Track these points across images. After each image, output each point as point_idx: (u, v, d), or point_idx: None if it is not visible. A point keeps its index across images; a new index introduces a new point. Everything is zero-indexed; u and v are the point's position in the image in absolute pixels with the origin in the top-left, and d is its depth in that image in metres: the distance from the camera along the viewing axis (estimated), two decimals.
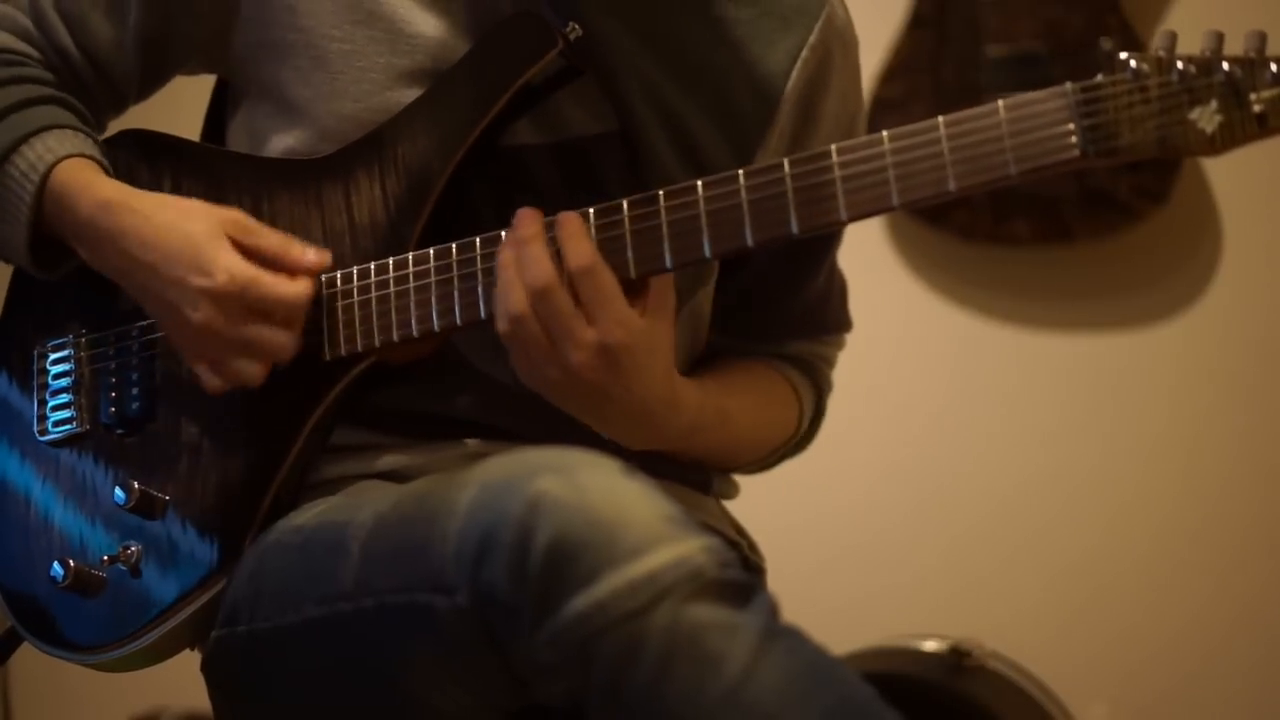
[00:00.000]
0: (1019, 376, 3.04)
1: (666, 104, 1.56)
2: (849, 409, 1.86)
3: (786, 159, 1.40)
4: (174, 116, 1.74)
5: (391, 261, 1.51)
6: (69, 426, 1.61)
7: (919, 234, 3.03)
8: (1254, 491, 2.93)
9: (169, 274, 1.49)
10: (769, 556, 1.71)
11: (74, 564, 1.54)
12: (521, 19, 1.52)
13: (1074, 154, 1.32)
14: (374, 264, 1.52)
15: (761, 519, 1.75)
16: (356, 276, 1.52)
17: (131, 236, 1.51)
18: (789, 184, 1.39)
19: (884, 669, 2.36)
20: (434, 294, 1.49)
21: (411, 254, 1.50)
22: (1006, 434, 3.03)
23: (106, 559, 1.54)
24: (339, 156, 1.56)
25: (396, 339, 1.50)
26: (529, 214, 1.44)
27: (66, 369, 1.62)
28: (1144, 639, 2.95)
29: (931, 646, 2.45)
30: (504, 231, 1.46)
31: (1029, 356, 3.03)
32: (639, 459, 1.40)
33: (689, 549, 1.23)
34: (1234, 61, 1.30)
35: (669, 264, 1.42)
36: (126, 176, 1.61)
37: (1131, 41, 2.80)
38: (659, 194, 1.43)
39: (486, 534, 1.26)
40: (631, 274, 1.42)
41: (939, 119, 1.35)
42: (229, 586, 1.50)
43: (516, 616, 1.24)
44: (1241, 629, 2.93)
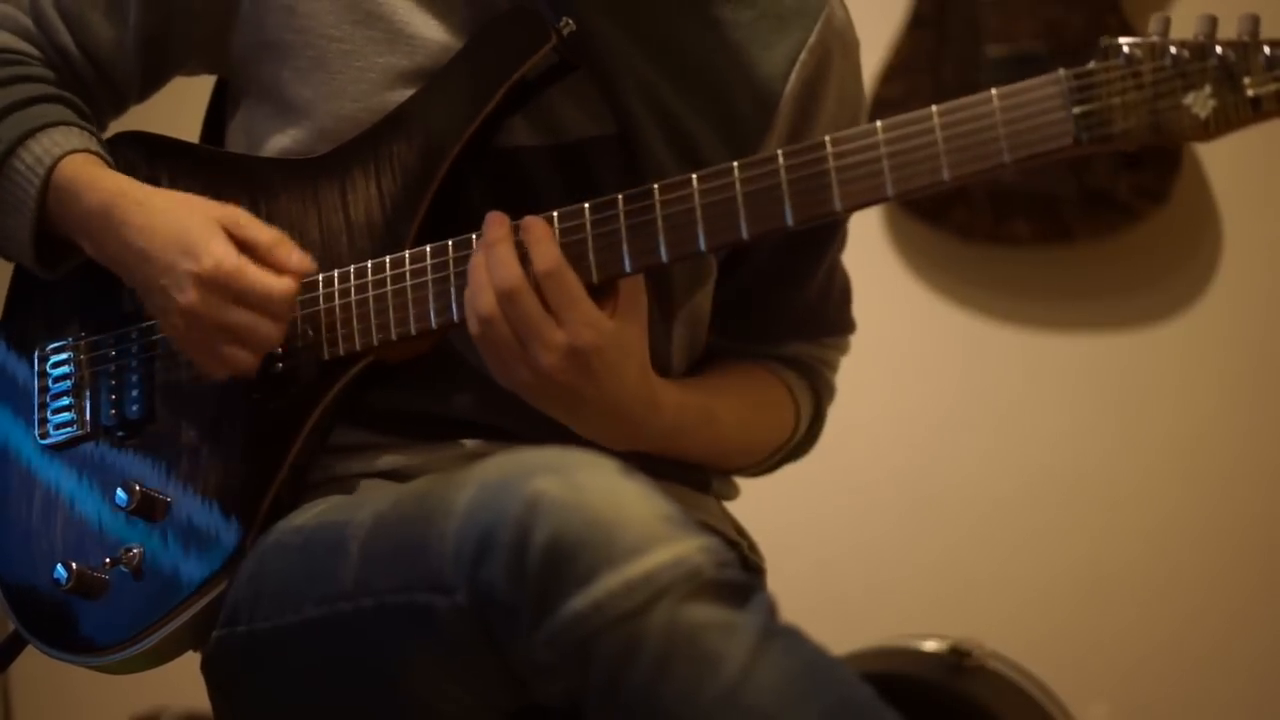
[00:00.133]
0: (1019, 377, 3.04)
1: (664, 105, 1.56)
2: (849, 409, 1.85)
3: (780, 150, 1.40)
4: (174, 117, 1.74)
5: (388, 260, 1.51)
6: (70, 429, 1.61)
7: (919, 234, 3.03)
8: (1254, 491, 2.93)
9: (161, 259, 1.50)
10: (769, 556, 1.71)
11: (76, 566, 1.54)
12: (515, 14, 1.52)
13: (1068, 141, 1.32)
14: (371, 263, 1.52)
15: (762, 519, 1.75)
16: (354, 275, 1.52)
17: (131, 225, 1.52)
18: (783, 175, 1.39)
19: (884, 669, 2.36)
20: (431, 292, 1.49)
21: (408, 252, 1.50)
22: (1006, 434, 3.03)
23: (108, 561, 1.54)
24: (335, 155, 1.56)
25: (394, 338, 1.51)
26: (496, 217, 1.45)
27: (67, 371, 1.62)
28: (1144, 639, 2.95)
29: (931, 646, 2.44)
30: None
31: (1029, 357, 3.03)
32: (638, 459, 1.40)
33: (687, 549, 1.23)
34: (1227, 45, 1.29)
35: (664, 258, 1.42)
36: (126, 175, 1.61)
37: None
38: (654, 188, 1.43)
39: (485, 534, 1.26)
40: (594, 279, 1.43)
41: (933, 108, 1.35)
42: (229, 587, 1.50)
43: (515, 616, 1.24)
44: (1242, 629, 2.92)
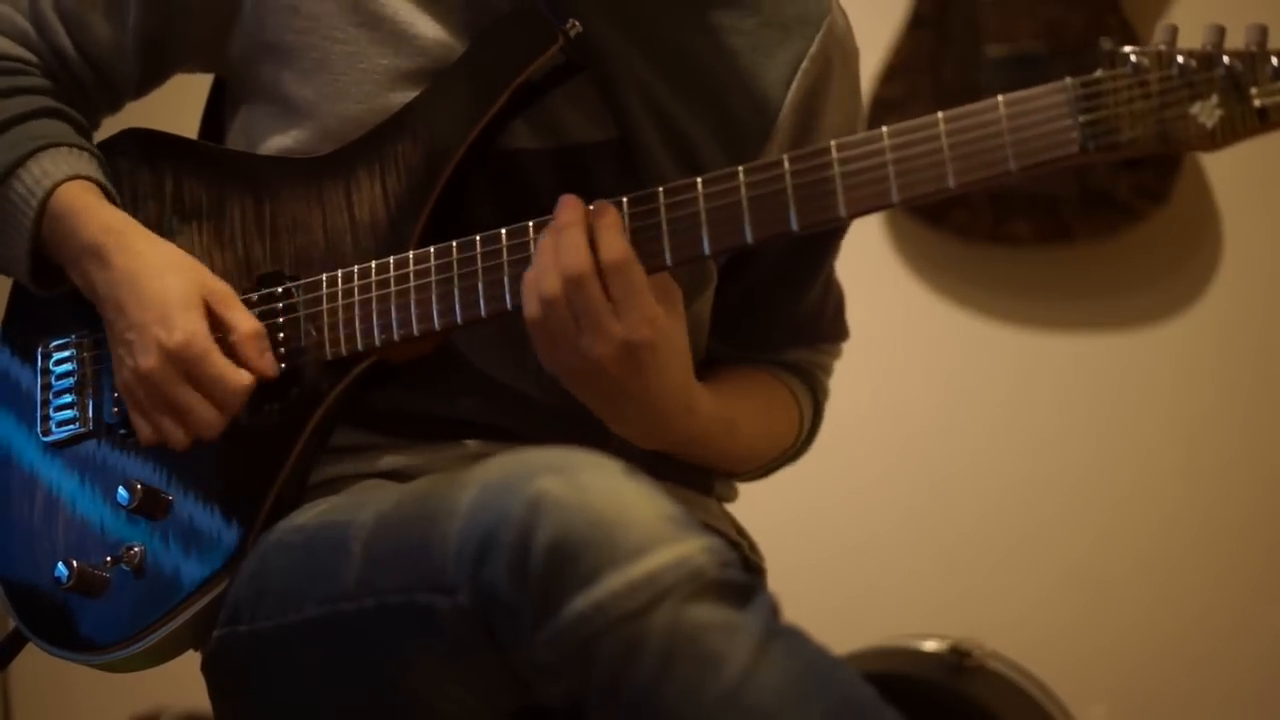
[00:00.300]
0: (1019, 377, 3.04)
1: (665, 111, 1.56)
2: (849, 409, 1.86)
3: (786, 155, 1.40)
4: (174, 117, 1.74)
5: (392, 260, 1.51)
6: (72, 426, 1.61)
7: (919, 234, 3.03)
8: (1254, 491, 2.93)
9: (135, 317, 1.51)
10: (769, 556, 1.71)
11: (77, 564, 1.54)
12: (521, 16, 1.52)
13: (1074, 149, 1.32)
14: (375, 263, 1.52)
15: (762, 519, 1.75)
16: (357, 275, 1.52)
17: (117, 271, 1.53)
18: (789, 180, 1.39)
19: (884, 669, 2.36)
20: (434, 293, 1.49)
21: (412, 253, 1.50)
22: (1006, 434, 3.03)
23: (110, 559, 1.54)
24: (340, 155, 1.56)
25: (397, 338, 1.51)
26: (571, 200, 1.43)
27: (69, 369, 1.62)
28: (1144, 639, 2.95)
29: (931, 646, 2.44)
30: (504, 230, 1.47)
31: (1029, 356, 3.03)
32: (641, 460, 1.40)
33: (689, 549, 1.23)
34: (1235, 55, 1.29)
35: (668, 261, 1.43)
36: (129, 178, 1.61)
37: (1131, 41, 2.79)
38: (658, 191, 1.43)
39: (487, 534, 1.26)
40: (668, 261, 1.42)
41: (938, 115, 1.35)
42: (231, 586, 1.50)
43: (517, 616, 1.24)
44: (1241, 629, 2.92)
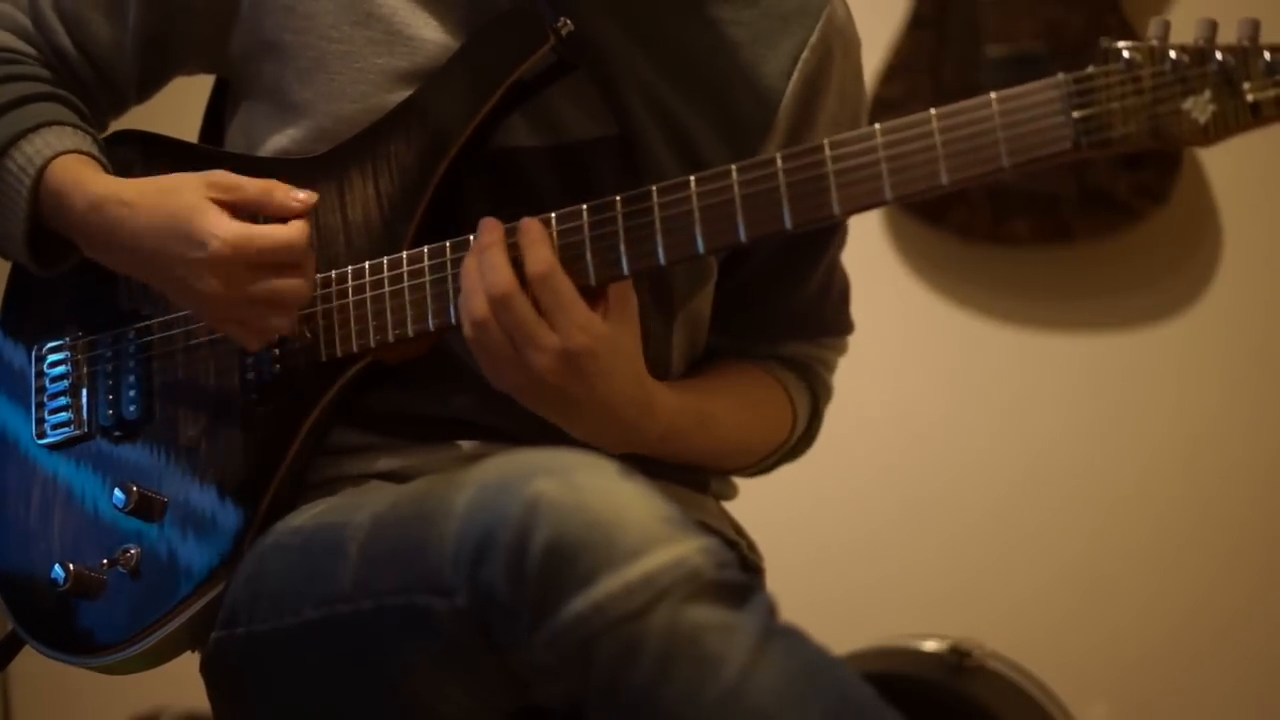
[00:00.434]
0: (1019, 377, 3.03)
1: (665, 106, 1.56)
2: (849, 409, 1.85)
3: (779, 154, 1.40)
4: (174, 116, 1.74)
5: (386, 261, 1.51)
6: (67, 429, 1.61)
7: (919, 234, 3.03)
8: (1253, 491, 2.93)
9: (168, 255, 1.48)
10: (768, 556, 1.70)
11: (73, 567, 1.54)
12: (513, 15, 1.52)
13: (1067, 145, 1.32)
14: (369, 263, 1.52)
15: (761, 518, 1.75)
16: (351, 276, 1.52)
17: (124, 230, 1.51)
18: (781, 178, 1.39)
19: (884, 669, 2.36)
20: (428, 294, 1.49)
21: (406, 254, 1.50)
22: (1006, 434, 3.03)
23: (106, 562, 1.54)
24: (333, 155, 1.56)
25: (392, 339, 1.50)
26: (489, 222, 1.45)
27: (64, 371, 1.62)
28: (1144, 639, 2.95)
29: (931, 646, 2.44)
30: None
31: (1029, 356, 3.03)
32: (636, 460, 1.40)
33: (686, 550, 1.23)
34: (1227, 50, 1.29)
35: (662, 261, 1.42)
36: (123, 176, 1.61)
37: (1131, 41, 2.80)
38: (652, 190, 1.43)
39: (484, 535, 1.26)
40: (591, 281, 1.43)
41: (931, 112, 1.35)
42: (228, 588, 1.50)
43: (515, 618, 1.24)
44: (1241, 628, 2.92)
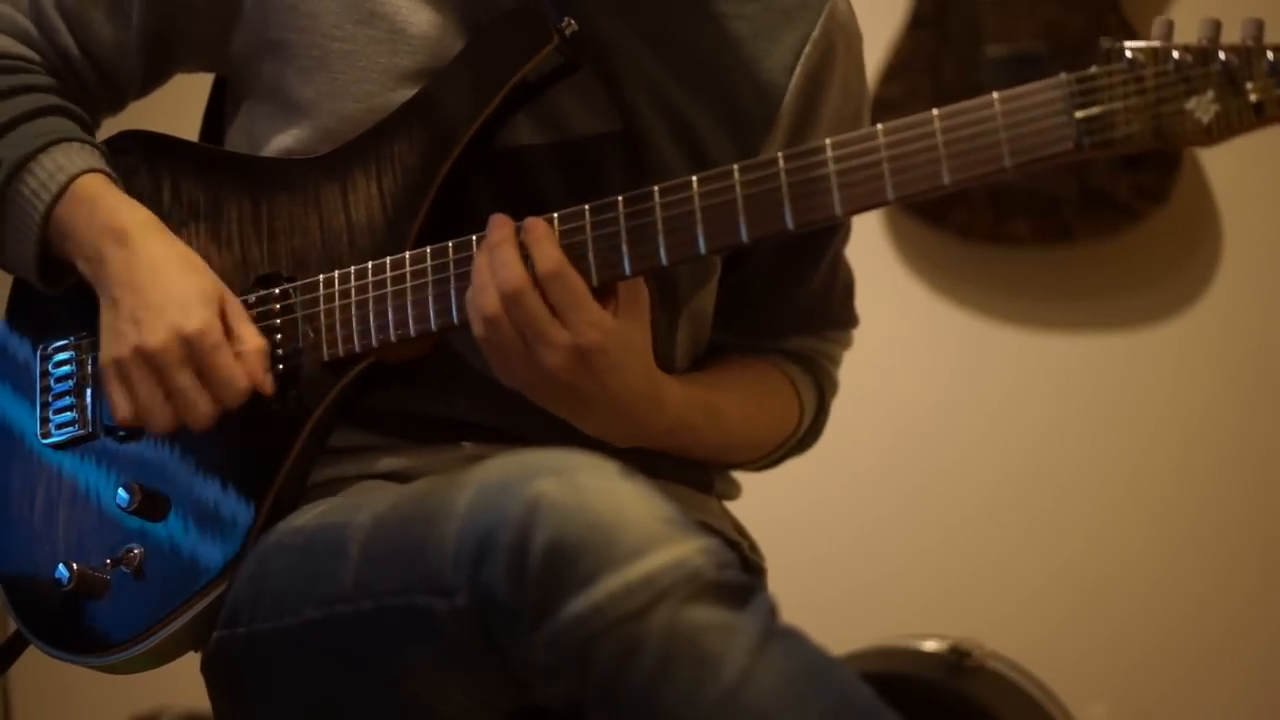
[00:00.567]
0: (1018, 376, 3.04)
1: (670, 102, 1.56)
2: (849, 409, 1.86)
3: (781, 154, 1.40)
4: (174, 116, 1.74)
5: (389, 261, 1.51)
6: (71, 428, 1.61)
7: (919, 233, 3.03)
8: (1252, 491, 2.93)
9: (153, 299, 1.49)
10: (768, 556, 1.71)
11: (77, 566, 1.53)
12: (517, 14, 1.52)
13: (1069, 146, 1.32)
14: (371, 264, 1.52)
15: (761, 518, 1.75)
16: (354, 276, 1.52)
17: (140, 257, 1.51)
18: (783, 179, 1.39)
19: (884, 669, 2.36)
20: (431, 294, 1.49)
21: (408, 253, 1.50)
22: (1006, 434, 3.03)
23: (109, 561, 1.54)
24: (336, 156, 1.56)
25: (394, 339, 1.51)
26: (499, 219, 1.45)
27: (69, 370, 1.62)
28: (1144, 639, 2.95)
29: (931, 646, 2.44)
30: None
31: (1029, 356, 3.03)
32: (641, 459, 1.41)
33: (687, 550, 1.23)
34: (1230, 50, 1.29)
35: (664, 261, 1.42)
36: (126, 179, 1.61)
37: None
38: (654, 190, 1.43)
39: (485, 535, 1.26)
40: (594, 281, 1.43)
41: (934, 112, 1.35)
42: (230, 588, 1.50)
43: (515, 618, 1.24)
44: (1241, 628, 2.93)
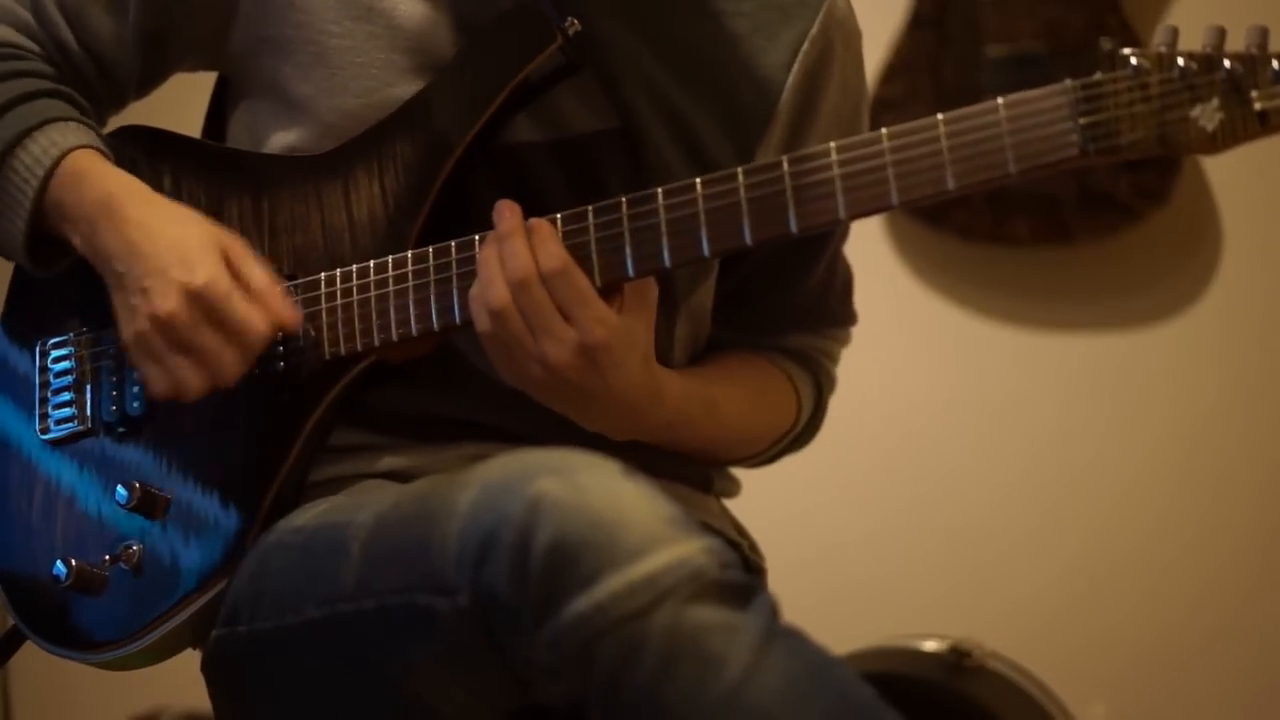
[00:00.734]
0: (1018, 376, 3.04)
1: (669, 102, 1.56)
2: (848, 409, 1.86)
3: (785, 157, 1.40)
4: (175, 115, 1.74)
5: (390, 260, 1.51)
6: (70, 424, 1.61)
7: (919, 234, 3.03)
8: (1253, 491, 2.93)
9: (154, 261, 1.48)
10: (769, 556, 1.71)
11: (75, 563, 1.53)
12: (519, 14, 1.52)
13: (1074, 152, 1.32)
14: (373, 263, 1.52)
15: (761, 518, 1.75)
16: (356, 275, 1.52)
17: (132, 221, 1.50)
18: (788, 182, 1.39)
19: (884, 669, 2.36)
20: (433, 292, 1.49)
21: (410, 253, 1.50)
22: (1006, 434, 3.03)
23: (108, 558, 1.54)
24: (338, 153, 1.56)
25: (396, 338, 1.50)
26: (508, 206, 1.44)
27: (68, 366, 1.62)
28: (1144, 639, 2.95)
29: (931, 646, 2.44)
30: None
31: (1029, 356, 3.03)
32: (641, 458, 1.40)
33: (689, 550, 1.23)
34: (1235, 58, 1.29)
35: (667, 263, 1.42)
36: (127, 172, 1.61)
37: (1131, 41, 2.78)
38: (657, 192, 1.43)
39: (487, 535, 1.26)
40: (597, 282, 1.43)
41: (938, 117, 1.35)
42: (230, 586, 1.50)
43: (517, 617, 1.24)
44: (1241, 628, 2.93)
